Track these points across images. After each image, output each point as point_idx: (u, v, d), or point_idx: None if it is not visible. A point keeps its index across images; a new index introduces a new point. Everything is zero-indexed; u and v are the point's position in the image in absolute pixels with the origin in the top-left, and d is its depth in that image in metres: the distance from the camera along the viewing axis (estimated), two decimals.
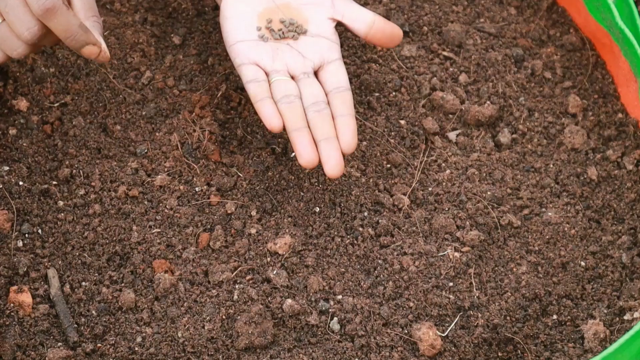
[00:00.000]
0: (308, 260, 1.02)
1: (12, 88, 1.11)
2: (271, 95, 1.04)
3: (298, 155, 1.01)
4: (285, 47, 1.08)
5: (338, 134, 1.02)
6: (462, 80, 1.17)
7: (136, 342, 0.96)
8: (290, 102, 1.04)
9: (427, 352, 0.97)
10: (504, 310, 1.00)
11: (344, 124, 1.03)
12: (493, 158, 1.12)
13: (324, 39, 1.08)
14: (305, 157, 1.01)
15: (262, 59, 1.07)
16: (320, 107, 1.04)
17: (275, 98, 1.04)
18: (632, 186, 1.10)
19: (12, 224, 1.02)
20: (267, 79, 1.06)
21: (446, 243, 1.04)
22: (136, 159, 1.08)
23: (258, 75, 1.06)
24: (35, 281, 0.99)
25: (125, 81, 1.13)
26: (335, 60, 1.07)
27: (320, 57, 1.08)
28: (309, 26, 1.09)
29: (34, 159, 1.07)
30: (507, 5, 1.23)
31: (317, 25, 1.09)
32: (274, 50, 1.07)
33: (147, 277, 1.00)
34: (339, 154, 1.01)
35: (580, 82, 1.18)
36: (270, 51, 1.07)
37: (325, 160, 1.01)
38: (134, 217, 1.04)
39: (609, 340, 0.99)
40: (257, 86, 1.05)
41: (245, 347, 0.96)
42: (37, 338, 0.96)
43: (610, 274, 1.05)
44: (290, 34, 1.08)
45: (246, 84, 1.05)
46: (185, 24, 1.18)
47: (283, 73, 1.06)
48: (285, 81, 1.05)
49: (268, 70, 1.06)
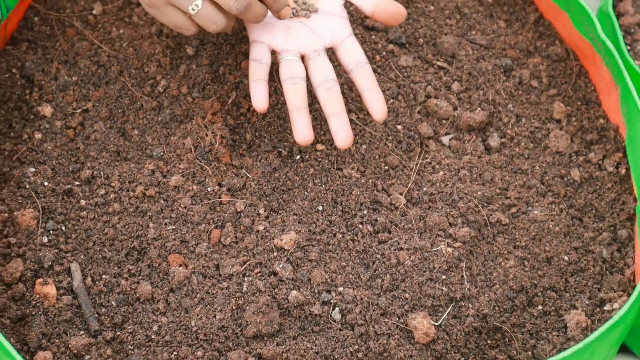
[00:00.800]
0: (312, 254, 1.02)
1: (37, 95, 1.12)
2: (267, 78, 1.05)
3: (295, 133, 1.02)
4: (298, 25, 1.08)
5: (368, 107, 1.04)
6: (455, 89, 1.17)
7: (153, 330, 0.96)
8: (295, 83, 1.04)
9: (421, 340, 0.97)
10: (492, 301, 1.01)
11: (371, 96, 1.04)
12: (483, 160, 1.12)
13: (335, 16, 1.09)
14: (302, 135, 1.02)
15: (275, 37, 1.07)
16: (330, 84, 1.04)
17: (282, 77, 1.05)
18: (612, 187, 1.10)
19: (37, 221, 1.02)
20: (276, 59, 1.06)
21: (439, 239, 1.04)
22: (153, 161, 1.08)
23: (263, 56, 1.06)
24: (59, 274, 0.99)
25: (143, 89, 1.13)
26: (348, 37, 1.08)
27: (333, 34, 1.08)
28: (320, 5, 1.09)
29: (57, 161, 1.07)
30: (497, 18, 1.24)
31: (328, 3, 1.09)
32: (287, 28, 1.07)
33: (163, 271, 1.00)
34: (348, 127, 1.02)
35: (564, 90, 1.19)
36: (283, 29, 1.07)
37: (335, 134, 1.02)
38: (151, 215, 1.04)
39: (590, 329, 0.99)
40: (257, 66, 1.05)
41: (254, 335, 0.96)
42: (61, 327, 0.96)
43: (592, 267, 1.05)
44: (302, 12, 1.08)
45: (250, 60, 1.06)
46: (197, 36, 1.18)
47: (293, 53, 1.06)
48: (294, 62, 1.06)
49: (279, 49, 1.07)
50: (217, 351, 0.95)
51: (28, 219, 1.02)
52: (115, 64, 1.15)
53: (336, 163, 1.10)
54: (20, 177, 1.05)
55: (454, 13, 1.23)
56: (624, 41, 1.18)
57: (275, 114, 1.13)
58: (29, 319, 0.96)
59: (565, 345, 0.98)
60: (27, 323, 0.95)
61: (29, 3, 1.17)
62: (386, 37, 1.20)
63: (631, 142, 1.09)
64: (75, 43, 1.16)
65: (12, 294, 0.97)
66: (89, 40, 1.16)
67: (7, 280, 0.98)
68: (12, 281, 0.98)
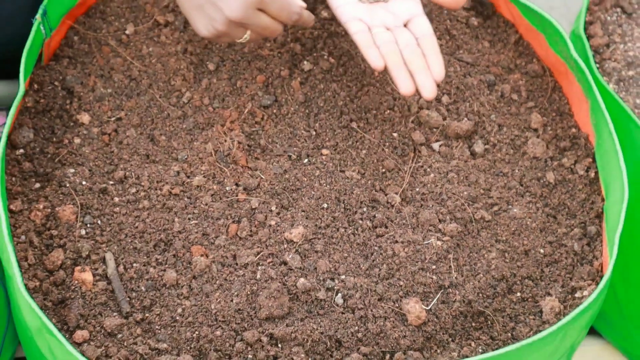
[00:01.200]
0: (317, 246, 1.02)
1: (76, 105, 1.12)
2: (374, 42, 1.06)
3: (399, 87, 1.03)
4: (378, 8, 1.10)
5: (430, 68, 1.05)
6: (444, 101, 1.17)
7: (177, 312, 0.96)
8: (390, 46, 1.06)
9: (414, 322, 0.97)
10: (477, 288, 1.01)
11: (433, 61, 1.05)
12: (469, 164, 1.12)
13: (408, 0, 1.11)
14: (405, 87, 1.03)
15: (362, 16, 1.08)
16: (413, 48, 1.06)
17: (377, 44, 1.06)
18: (583, 188, 1.11)
19: (76, 216, 1.02)
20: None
21: (430, 233, 1.04)
22: (178, 164, 1.08)
23: (362, 27, 1.07)
24: (95, 263, 0.99)
25: (169, 100, 1.14)
26: (420, 14, 1.09)
27: (408, 14, 1.09)
28: None
29: (94, 163, 1.07)
30: (482, 39, 1.23)
31: None
32: (370, 10, 1.09)
33: (186, 260, 1.00)
34: (432, 81, 1.04)
35: (541, 102, 1.18)
36: (367, 11, 1.09)
37: (421, 87, 1.03)
38: (176, 211, 1.04)
39: (563, 314, 0.99)
40: (363, 36, 1.07)
41: (266, 317, 0.96)
42: (96, 309, 0.96)
43: (564, 259, 1.05)
44: None
45: (353, 35, 1.07)
46: (218, 53, 1.18)
47: (381, 26, 1.08)
48: (383, 31, 1.08)
49: (369, 25, 1.08)
50: (234, 331, 0.95)
51: (68, 214, 1.02)
52: (145, 78, 1.15)
53: (339, 166, 1.10)
54: (61, 177, 1.05)
55: (444, 34, 1.23)
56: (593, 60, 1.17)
57: (286, 122, 1.13)
58: (69, 302, 0.96)
59: (541, 327, 0.98)
60: (67, 305, 0.95)
61: (70, 24, 1.17)
62: None
63: (600, 149, 1.09)
64: (110, 59, 1.16)
65: (54, 279, 0.97)
66: (122, 57, 1.17)
67: (49, 268, 0.97)
68: (54, 268, 0.98)
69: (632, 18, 1.24)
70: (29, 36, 1.08)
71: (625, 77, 1.18)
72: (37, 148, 1.07)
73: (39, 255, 0.98)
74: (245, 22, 1.02)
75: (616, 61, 1.19)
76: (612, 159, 1.04)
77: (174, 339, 0.95)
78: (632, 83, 1.17)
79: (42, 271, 0.97)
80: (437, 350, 0.97)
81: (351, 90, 1.16)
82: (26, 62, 1.06)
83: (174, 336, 0.95)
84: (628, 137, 1.09)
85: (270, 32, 1.06)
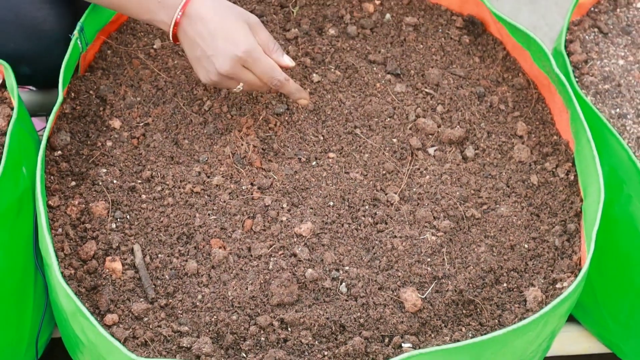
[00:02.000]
0: (324, 240, 1.02)
1: (109, 111, 1.11)
2: None
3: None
4: None
5: None
6: (439, 110, 1.16)
7: (197, 299, 0.96)
8: None
9: (410, 309, 0.97)
10: (467, 279, 1.00)
11: None
12: (461, 167, 1.11)
13: None
14: None
15: None
16: None
17: None
18: (563, 189, 1.09)
19: (108, 211, 1.02)
20: None
21: (426, 229, 1.04)
22: (199, 165, 1.07)
23: None
24: (124, 253, 0.99)
25: (192, 108, 1.13)
26: None
27: None
28: None
29: (124, 163, 1.07)
30: (473, 55, 1.22)
31: None
32: None
33: (206, 252, 1.00)
34: None
35: (526, 112, 1.17)
36: None
37: None
38: (197, 207, 1.03)
39: (545, 303, 0.98)
40: None
41: (277, 304, 0.96)
42: (125, 295, 0.96)
43: (546, 254, 1.04)
44: None
45: None
46: None
47: None
48: None
49: None
50: (248, 316, 0.95)
51: (100, 209, 1.02)
52: (170, 88, 1.15)
53: (344, 168, 1.09)
54: (94, 176, 1.04)
55: (439, 51, 1.22)
56: (573, 74, 1.17)
57: (296, 128, 1.12)
58: (100, 288, 0.96)
59: (525, 315, 0.97)
60: (98, 291, 0.96)
61: (104, 39, 1.17)
62: (385, 69, 1.19)
63: (579, 155, 1.09)
64: (139, 71, 1.16)
65: (87, 268, 0.97)
66: (150, 69, 1.16)
67: (83, 257, 0.98)
68: (87, 258, 0.98)
69: (607, 37, 1.24)
70: (68, 50, 1.08)
71: (602, 90, 1.18)
72: (73, 150, 1.07)
73: (74, 246, 0.99)
74: (234, 77, 1.03)
75: (593, 76, 1.19)
76: (590, 163, 1.04)
77: (194, 322, 0.95)
78: (608, 95, 1.17)
79: (76, 260, 0.98)
80: (431, 334, 0.97)
81: (355, 100, 1.16)
82: (65, 73, 1.07)
83: (194, 320, 0.95)
84: (604, 144, 1.09)
85: (257, 88, 1.06)
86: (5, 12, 1.12)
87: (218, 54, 1.01)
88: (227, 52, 1.01)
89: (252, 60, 1.02)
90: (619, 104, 1.15)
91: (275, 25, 1.21)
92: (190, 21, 1.02)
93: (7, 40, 1.13)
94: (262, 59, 1.02)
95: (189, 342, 0.92)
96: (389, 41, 1.22)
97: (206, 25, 1.01)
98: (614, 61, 1.20)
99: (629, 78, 1.18)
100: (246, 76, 1.03)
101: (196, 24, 1.02)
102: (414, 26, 1.23)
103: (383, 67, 1.19)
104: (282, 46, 1.18)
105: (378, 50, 1.21)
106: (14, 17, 1.12)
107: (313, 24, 1.23)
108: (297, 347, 0.94)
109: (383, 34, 1.22)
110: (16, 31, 1.13)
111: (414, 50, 1.22)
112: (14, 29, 1.13)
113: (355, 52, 1.20)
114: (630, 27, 1.24)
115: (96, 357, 0.92)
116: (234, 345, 0.93)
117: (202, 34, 1.02)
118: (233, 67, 1.02)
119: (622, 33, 1.24)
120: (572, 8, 1.21)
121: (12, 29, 1.13)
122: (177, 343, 0.92)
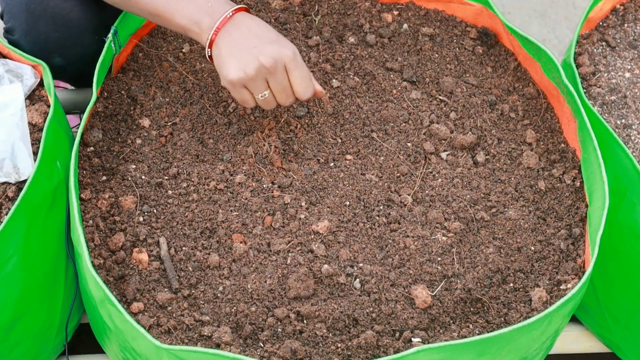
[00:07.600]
0: (340, 238, 1.02)
1: (139, 111, 1.12)
2: None
3: None
4: None
5: None
6: (452, 117, 1.16)
7: (218, 290, 0.97)
8: None
9: (421, 306, 0.97)
10: (476, 278, 1.00)
11: None
12: (472, 172, 1.11)
13: None
14: None
15: None
16: None
17: None
18: (569, 195, 1.09)
19: (136, 205, 1.02)
20: None
21: (437, 230, 1.04)
22: (223, 163, 1.08)
23: None
24: (150, 245, 1.00)
25: (217, 109, 1.13)
26: None
27: None
28: None
29: (152, 161, 1.07)
30: (485, 65, 1.22)
31: None
32: None
33: (228, 246, 1.00)
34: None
35: (535, 121, 1.17)
36: None
37: None
38: (220, 204, 1.04)
39: (549, 303, 0.98)
40: None
41: (294, 297, 0.96)
42: (151, 285, 0.96)
43: (552, 256, 1.03)
44: None
45: None
46: None
47: None
48: None
49: None
50: (267, 308, 0.95)
51: (129, 203, 1.02)
52: (197, 90, 1.15)
53: (360, 170, 1.09)
54: (124, 172, 1.05)
55: (453, 60, 1.22)
56: (581, 86, 1.16)
57: (316, 131, 1.12)
58: (127, 278, 0.96)
59: (530, 314, 0.97)
60: (125, 281, 0.96)
61: (136, 43, 1.18)
62: (401, 77, 1.19)
63: (585, 162, 1.08)
64: (168, 73, 1.16)
65: (115, 258, 0.97)
66: (179, 71, 1.16)
67: (112, 248, 0.98)
68: (115, 249, 0.98)
69: (615, 51, 1.23)
70: (102, 52, 1.09)
71: (609, 101, 1.17)
72: (105, 146, 1.07)
73: (103, 237, 0.99)
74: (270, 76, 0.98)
75: (601, 87, 1.18)
76: (596, 171, 1.04)
77: (215, 312, 0.95)
78: (614, 106, 1.16)
79: (105, 251, 0.98)
80: (440, 330, 0.96)
81: (373, 105, 1.16)
82: (98, 74, 1.07)
83: (215, 310, 0.95)
84: (609, 152, 1.08)
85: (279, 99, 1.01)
86: (34, 5, 1.13)
87: (265, 48, 0.97)
88: (275, 48, 0.98)
89: (295, 64, 0.99)
90: (624, 114, 1.15)
91: (298, 33, 1.22)
92: (237, 23, 0.99)
93: (38, 32, 1.14)
94: (304, 64, 1.01)
95: (209, 331, 0.92)
96: (406, 50, 1.22)
97: (258, 24, 1.00)
98: (620, 74, 1.20)
99: (634, 90, 1.18)
100: (281, 80, 0.99)
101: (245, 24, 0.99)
102: (430, 36, 1.23)
103: (400, 74, 1.19)
104: (304, 52, 1.19)
105: (395, 58, 1.21)
106: (42, 9, 1.14)
107: (334, 32, 1.23)
108: (312, 339, 0.94)
109: (400, 43, 1.23)
110: (45, 22, 1.14)
111: (429, 59, 1.22)
112: (43, 20, 1.14)
113: (374, 60, 1.20)
114: (637, 42, 1.24)
115: (122, 342, 0.92)
116: (252, 335, 0.94)
117: (252, 29, 0.98)
118: (275, 65, 0.97)
119: (629, 47, 1.23)
120: (582, 22, 1.21)
121: (41, 20, 1.14)
122: (199, 332, 0.93)
